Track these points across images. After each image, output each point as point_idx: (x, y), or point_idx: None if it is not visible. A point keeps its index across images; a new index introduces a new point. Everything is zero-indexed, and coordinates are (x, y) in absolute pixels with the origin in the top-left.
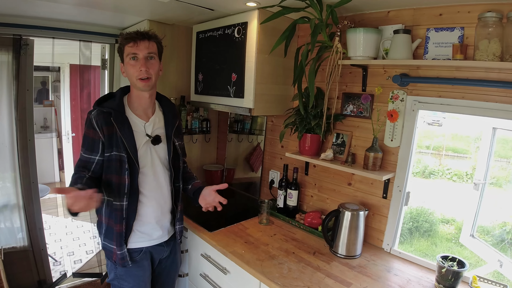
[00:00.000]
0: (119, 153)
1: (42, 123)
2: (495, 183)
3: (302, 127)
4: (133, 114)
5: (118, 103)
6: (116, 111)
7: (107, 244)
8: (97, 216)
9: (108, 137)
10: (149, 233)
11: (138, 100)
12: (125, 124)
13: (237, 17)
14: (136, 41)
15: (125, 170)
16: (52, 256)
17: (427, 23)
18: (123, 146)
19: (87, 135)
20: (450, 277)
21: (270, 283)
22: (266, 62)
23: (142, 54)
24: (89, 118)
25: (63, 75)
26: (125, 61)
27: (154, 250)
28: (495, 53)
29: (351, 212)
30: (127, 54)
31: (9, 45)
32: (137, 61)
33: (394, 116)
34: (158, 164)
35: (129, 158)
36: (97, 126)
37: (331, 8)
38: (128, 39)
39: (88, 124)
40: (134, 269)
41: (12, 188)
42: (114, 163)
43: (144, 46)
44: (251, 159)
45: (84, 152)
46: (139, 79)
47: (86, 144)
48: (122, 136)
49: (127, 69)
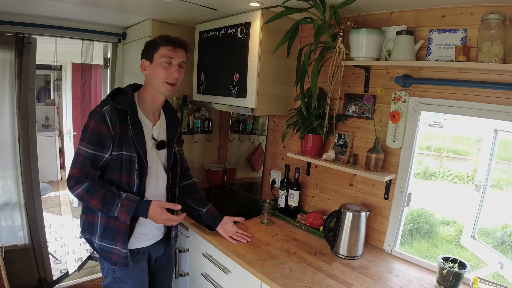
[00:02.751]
0: (129, 153)
1: (43, 122)
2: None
3: (304, 128)
4: (143, 114)
5: (131, 102)
6: (132, 111)
7: (105, 245)
8: (85, 216)
9: (120, 135)
10: (147, 233)
11: (152, 101)
12: (137, 124)
13: (240, 17)
14: (175, 46)
15: (134, 170)
16: (52, 255)
17: (429, 25)
18: (134, 146)
19: (97, 130)
20: (451, 278)
21: (271, 283)
22: (269, 62)
23: (177, 61)
24: (100, 113)
25: (65, 74)
26: (156, 62)
27: (152, 249)
28: (498, 55)
29: (352, 213)
30: (163, 55)
31: (11, 43)
32: (171, 66)
33: (396, 117)
34: (160, 168)
35: (140, 159)
36: (110, 122)
37: (334, 9)
38: (169, 42)
39: (99, 119)
40: (134, 270)
41: (13, 186)
42: (124, 163)
43: (181, 54)
44: (252, 159)
45: (92, 149)
46: (166, 83)
47: (95, 139)
48: (134, 136)
49: (157, 70)
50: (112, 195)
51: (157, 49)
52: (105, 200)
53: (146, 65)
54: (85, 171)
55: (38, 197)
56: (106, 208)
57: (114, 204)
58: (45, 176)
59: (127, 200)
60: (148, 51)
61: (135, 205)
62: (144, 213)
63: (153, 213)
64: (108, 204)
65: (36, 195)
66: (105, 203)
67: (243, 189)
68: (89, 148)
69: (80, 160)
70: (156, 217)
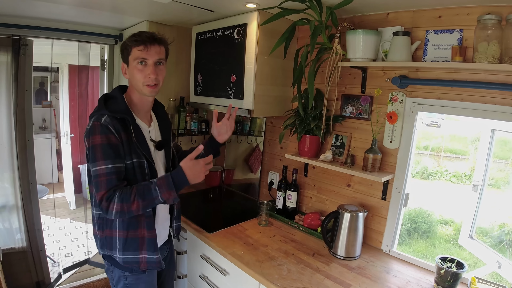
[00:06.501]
0: (139, 160)
1: (40, 124)
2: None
3: (302, 129)
4: (138, 118)
5: (125, 107)
6: (131, 117)
7: (129, 257)
8: (101, 232)
9: (127, 143)
10: (158, 236)
11: (141, 104)
12: (138, 130)
13: (237, 18)
14: (146, 45)
15: (147, 176)
16: (50, 257)
17: (426, 25)
18: (140, 152)
19: (107, 142)
20: (449, 278)
21: (270, 284)
22: (266, 64)
23: (152, 60)
24: (101, 125)
25: (61, 76)
26: (131, 64)
27: (160, 251)
28: (494, 55)
29: (350, 214)
30: (135, 57)
31: (8, 46)
32: (145, 67)
33: (393, 117)
34: (161, 168)
35: (149, 164)
36: (115, 131)
37: (330, 10)
38: (139, 42)
39: (103, 131)
40: (146, 275)
41: (10, 188)
42: (137, 170)
43: (154, 52)
44: (250, 160)
45: (109, 163)
46: (146, 85)
47: (109, 152)
48: (138, 142)
49: (133, 73)
50: (145, 186)
51: (129, 51)
52: (143, 194)
53: (125, 68)
54: (111, 186)
55: (35, 200)
56: (148, 200)
57: (152, 191)
58: (42, 179)
59: (160, 180)
60: (123, 54)
61: (170, 178)
62: (183, 178)
63: (189, 171)
64: (147, 195)
65: (33, 197)
66: (144, 197)
67: (241, 190)
68: (107, 164)
69: (103, 180)
70: (195, 173)
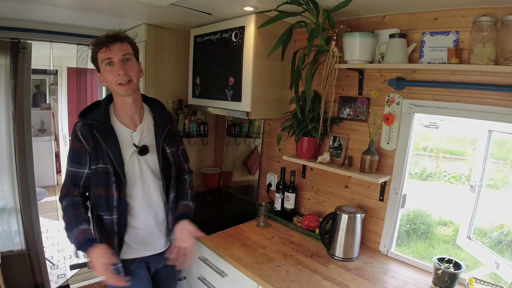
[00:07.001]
0: (105, 165)
1: (39, 126)
2: (492, 185)
3: (299, 131)
4: (119, 123)
5: (103, 113)
6: (99, 122)
7: None
8: None
9: (94, 148)
10: (142, 245)
11: (123, 107)
12: (109, 135)
13: (235, 21)
14: (108, 45)
15: (112, 183)
16: (49, 260)
17: (422, 27)
18: (108, 158)
19: (73, 148)
20: (446, 279)
21: (268, 286)
22: (263, 66)
23: (117, 58)
24: (74, 130)
25: (60, 78)
26: (101, 69)
27: (149, 260)
28: (490, 56)
29: (348, 215)
30: (102, 60)
31: (7, 49)
32: (113, 66)
33: (390, 119)
34: (148, 174)
35: (115, 170)
36: (82, 138)
37: (327, 13)
38: (100, 44)
39: (73, 136)
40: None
41: (9, 191)
42: (101, 176)
43: (117, 49)
44: (248, 162)
45: (71, 166)
46: (119, 85)
47: (73, 157)
48: (107, 148)
49: (105, 76)
50: (71, 221)
51: (96, 58)
52: (68, 223)
53: (99, 76)
54: (66, 188)
55: (34, 202)
56: (67, 230)
57: (72, 230)
58: (41, 181)
59: (80, 233)
60: (94, 64)
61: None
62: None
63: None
64: (68, 227)
65: (32, 200)
66: (66, 225)
67: (240, 192)
68: (70, 166)
69: (65, 179)
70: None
